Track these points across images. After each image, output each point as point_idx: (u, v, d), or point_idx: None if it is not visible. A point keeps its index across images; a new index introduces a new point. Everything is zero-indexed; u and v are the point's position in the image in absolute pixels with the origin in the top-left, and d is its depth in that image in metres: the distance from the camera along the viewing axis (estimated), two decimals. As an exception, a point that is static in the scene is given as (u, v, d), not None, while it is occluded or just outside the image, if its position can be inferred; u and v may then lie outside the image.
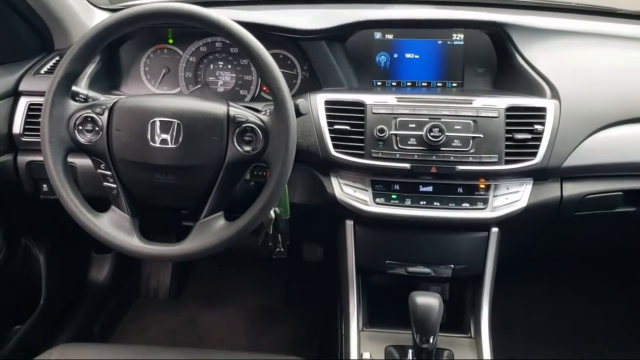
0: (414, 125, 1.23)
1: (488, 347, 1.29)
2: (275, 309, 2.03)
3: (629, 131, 1.29)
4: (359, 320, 1.35)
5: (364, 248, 1.35)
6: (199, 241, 1.09)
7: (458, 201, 1.26)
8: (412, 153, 1.23)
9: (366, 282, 1.42)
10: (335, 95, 1.30)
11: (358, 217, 1.31)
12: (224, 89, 1.52)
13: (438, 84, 1.48)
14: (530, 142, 1.22)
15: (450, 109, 1.24)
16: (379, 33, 1.47)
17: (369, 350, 1.20)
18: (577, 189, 1.29)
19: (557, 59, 1.37)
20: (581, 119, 1.27)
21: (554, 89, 1.29)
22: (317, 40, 1.40)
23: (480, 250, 1.32)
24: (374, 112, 1.25)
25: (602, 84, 1.34)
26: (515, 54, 1.38)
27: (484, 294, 1.33)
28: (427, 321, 1.12)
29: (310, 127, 1.26)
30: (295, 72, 1.50)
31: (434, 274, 1.34)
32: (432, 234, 1.32)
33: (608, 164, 1.27)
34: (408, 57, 1.48)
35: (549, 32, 1.42)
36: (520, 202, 1.26)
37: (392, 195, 1.27)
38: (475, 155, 1.22)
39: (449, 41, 1.46)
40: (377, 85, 1.49)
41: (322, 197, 1.31)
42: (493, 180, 1.26)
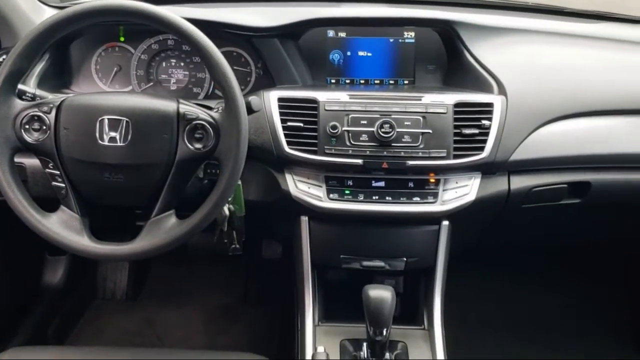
0: (366, 122, 1.25)
1: (440, 338, 1.32)
2: (235, 307, 2.03)
3: (573, 125, 1.33)
4: (315, 315, 1.36)
5: (319, 243, 1.36)
6: (149, 240, 1.09)
7: (409, 195, 1.29)
8: (364, 149, 1.25)
9: (322, 278, 1.43)
10: (289, 93, 1.31)
11: (312, 213, 1.32)
12: (177, 87, 1.51)
13: (390, 82, 1.50)
14: (478, 137, 1.26)
15: (400, 106, 1.27)
16: (332, 31, 1.48)
17: (325, 345, 1.21)
18: (523, 182, 1.33)
19: (505, 56, 1.41)
20: (527, 114, 1.30)
21: (501, 85, 1.33)
22: (270, 38, 1.41)
23: (431, 243, 1.35)
24: (326, 109, 1.26)
25: (548, 80, 1.38)
26: (464, 51, 1.41)
27: (436, 286, 1.36)
28: (380, 314, 1.14)
29: (264, 124, 1.27)
30: (249, 70, 1.50)
31: (388, 268, 1.36)
32: (385, 228, 1.35)
33: (553, 158, 1.32)
34: (361, 54, 1.50)
35: (496, 30, 1.46)
36: (469, 195, 1.29)
37: (346, 190, 1.29)
38: (424, 151, 1.25)
39: (400, 39, 1.49)
40: (331, 82, 1.50)
41: (277, 193, 1.31)
42: (442, 175, 1.29)
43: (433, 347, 1.31)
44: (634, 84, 1.40)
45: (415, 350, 1.29)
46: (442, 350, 1.30)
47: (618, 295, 2.05)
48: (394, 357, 1.25)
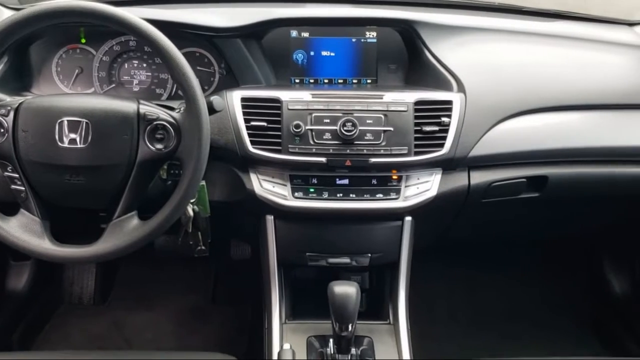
0: (329, 120, 1.27)
1: (405, 332, 1.34)
2: (204, 308, 2.02)
3: (530, 121, 1.37)
4: (282, 313, 1.37)
5: (285, 242, 1.37)
6: (112, 242, 1.09)
7: (372, 192, 1.31)
8: (328, 147, 1.26)
9: (288, 276, 1.45)
10: (252, 92, 1.31)
11: (278, 212, 1.33)
12: (140, 88, 1.51)
13: (354, 81, 1.52)
14: (438, 133, 1.28)
15: (362, 104, 1.28)
16: (295, 31, 1.49)
17: (291, 342, 1.22)
18: (483, 177, 1.36)
19: (463, 55, 1.44)
20: (485, 111, 1.34)
21: (460, 83, 1.35)
22: (233, 38, 1.41)
23: (395, 238, 1.37)
24: (289, 108, 1.27)
25: (505, 78, 1.41)
26: (424, 50, 1.44)
27: (401, 280, 1.39)
28: (345, 309, 1.16)
29: (227, 124, 1.27)
30: (213, 70, 1.50)
31: (354, 264, 1.38)
32: (349, 225, 1.37)
33: (511, 153, 1.35)
34: (324, 54, 1.51)
35: (455, 29, 1.49)
36: (430, 191, 1.32)
37: (310, 189, 1.30)
38: (386, 148, 1.27)
39: (362, 39, 1.50)
40: (295, 82, 1.51)
41: (242, 193, 1.32)
42: (404, 171, 1.31)
43: (398, 341, 1.33)
44: (588, 80, 1.45)
45: (380, 344, 1.31)
46: (407, 344, 1.32)
47: (581, 286, 2.10)
48: (360, 352, 1.27)
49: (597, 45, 1.57)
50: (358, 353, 1.26)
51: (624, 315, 1.94)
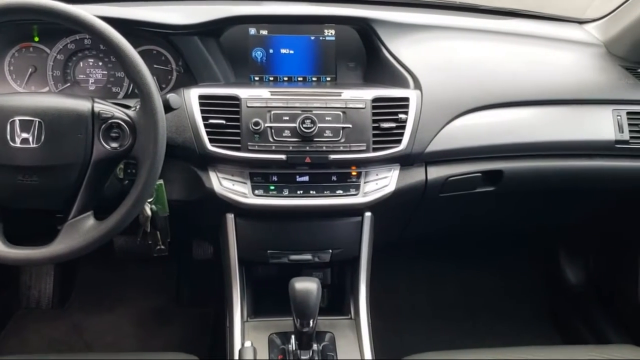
0: (288, 118, 1.27)
1: (366, 326, 1.36)
2: (166, 309, 2.00)
3: (484, 117, 1.40)
4: (243, 312, 1.37)
5: (246, 240, 1.37)
6: (67, 242, 1.07)
7: (332, 189, 1.32)
8: (287, 144, 1.27)
9: (250, 274, 1.45)
10: (210, 90, 1.31)
11: (238, 210, 1.33)
12: (96, 87, 1.48)
13: (313, 79, 1.53)
14: (395, 130, 1.30)
15: (321, 102, 1.29)
16: (253, 29, 1.49)
17: (253, 340, 1.22)
18: (440, 172, 1.39)
19: (420, 52, 1.46)
20: (441, 107, 1.36)
21: (417, 80, 1.38)
22: (190, 36, 1.40)
23: (355, 234, 1.39)
24: (248, 105, 1.27)
25: (461, 74, 1.44)
26: (381, 48, 1.45)
27: (361, 275, 1.40)
28: (306, 306, 1.17)
29: (185, 122, 1.26)
30: (170, 68, 1.49)
31: (315, 260, 1.39)
32: (310, 222, 1.38)
33: (466, 148, 1.38)
34: (283, 52, 1.52)
35: (412, 27, 1.51)
36: (389, 186, 1.33)
37: (270, 186, 1.30)
38: (345, 145, 1.28)
39: (321, 37, 1.51)
40: (255, 80, 1.51)
41: (201, 192, 1.31)
42: (364, 168, 1.32)
43: (359, 335, 1.34)
44: (541, 76, 1.49)
45: (342, 339, 1.32)
46: (368, 338, 1.33)
47: (538, 278, 2.16)
48: (322, 347, 1.28)
49: (549, 42, 1.62)
50: (320, 348, 1.27)
51: (580, 306, 2.00)
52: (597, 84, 1.50)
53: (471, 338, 1.55)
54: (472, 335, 1.83)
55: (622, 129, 1.43)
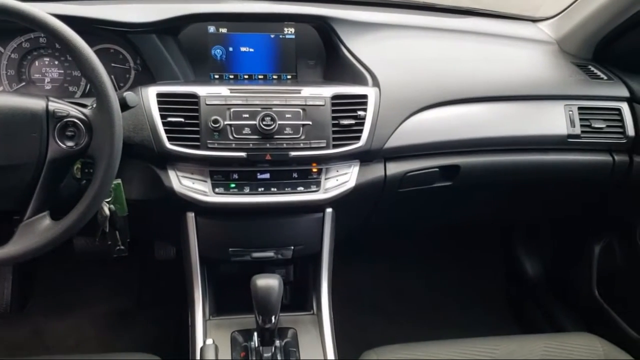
0: (248, 115, 1.27)
1: (328, 320, 1.37)
2: (129, 311, 1.98)
3: (441, 113, 1.42)
4: (206, 310, 1.37)
5: (207, 238, 1.36)
6: (22, 243, 1.05)
7: (293, 185, 1.32)
8: (248, 142, 1.27)
9: (212, 272, 1.44)
10: (168, 88, 1.29)
11: (198, 209, 1.32)
12: (52, 86, 1.46)
13: (274, 77, 1.53)
14: (355, 127, 1.32)
15: (281, 99, 1.30)
16: (212, 27, 1.49)
17: (215, 338, 1.22)
18: (398, 167, 1.41)
19: (378, 50, 1.48)
20: (399, 104, 1.38)
21: (375, 78, 1.40)
22: (147, 34, 1.39)
23: (317, 230, 1.40)
24: (207, 103, 1.27)
25: (418, 72, 1.47)
26: (340, 46, 1.47)
27: (323, 271, 1.41)
28: (267, 302, 1.17)
29: (143, 120, 1.25)
30: (128, 67, 1.47)
31: (277, 257, 1.39)
32: (272, 219, 1.38)
33: (424, 144, 1.40)
34: (243, 50, 1.52)
35: (371, 26, 1.53)
36: (349, 182, 1.35)
37: (231, 184, 1.30)
38: (305, 142, 1.29)
39: (281, 35, 1.52)
40: (215, 78, 1.51)
41: (160, 191, 1.30)
42: (324, 164, 1.34)
43: (321, 330, 1.36)
44: (496, 73, 1.53)
45: (304, 334, 1.33)
46: (330, 332, 1.35)
47: (497, 269, 2.21)
48: (284, 343, 1.29)
49: (504, 40, 1.66)
50: (282, 344, 1.28)
51: (537, 296, 2.06)
52: (549, 80, 1.55)
53: (433, 330, 1.57)
54: (433, 327, 1.86)
55: (573, 123, 1.48)
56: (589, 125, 1.49)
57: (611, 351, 1.24)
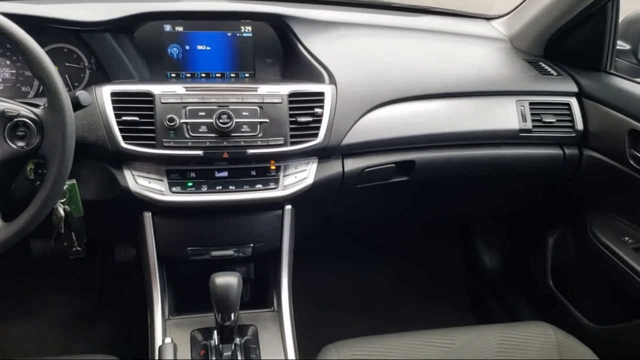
0: (204, 113, 1.27)
1: (289, 317, 1.38)
2: (90, 314, 1.95)
3: (397, 110, 1.45)
4: (165, 310, 1.36)
5: (165, 238, 1.36)
6: None
7: (252, 183, 1.33)
8: (204, 140, 1.26)
9: (172, 272, 1.43)
10: (122, 87, 1.28)
11: (155, 208, 1.32)
12: (4, 86, 1.42)
13: (231, 75, 1.53)
14: (312, 124, 1.33)
15: (238, 97, 1.30)
16: (168, 25, 1.48)
17: (175, 337, 1.21)
18: (356, 164, 1.42)
19: (335, 48, 1.50)
20: (355, 101, 1.40)
21: (332, 75, 1.41)
22: (101, 33, 1.38)
23: (276, 227, 1.40)
24: (162, 102, 1.26)
25: (374, 69, 1.49)
26: (297, 45, 1.48)
27: (283, 267, 1.42)
28: (226, 300, 1.18)
29: (97, 119, 1.24)
30: (82, 66, 1.45)
31: (237, 255, 1.40)
32: (230, 217, 1.38)
33: (380, 140, 1.42)
34: (200, 49, 1.51)
35: (327, 24, 1.55)
36: (307, 179, 1.36)
37: (188, 183, 1.30)
38: (263, 139, 1.29)
39: (238, 33, 1.52)
40: (171, 77, 1.50)
41: (116, 191, 1.29)
42: (282, 161, 1.34)
43: (282, 326, 1.36)
44: (450, 70, 1.56)
45: (264, 331, 1.34)
46: (290, 328, 1.36)
47: (457, 263, 2.25)
48: (244, 340, 1.29)
49: (459, 38, 1.70)
50: (242, 342, 1.28)
51: (495, 288, 2.11)
52: (502, 77, 1.59)
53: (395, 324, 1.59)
54: (396, 321, 1.88)
55: (525, 118, 1.52)
56: (540, 120, 1.53)
57: (563, 338, 1.28)
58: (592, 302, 1.69)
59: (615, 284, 1.52)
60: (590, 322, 1.65)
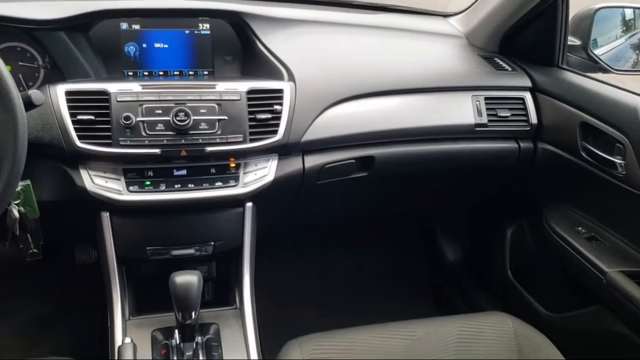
0: (161, 111, 1.26)
1: (251, 314, 1.38)
2: (51, 317, 1.91)
3: (355, 106, 1.46)
4: (125, 310, 1.35)
5: (123, 238, 1.35)
6: None
7: (211, 181, 1.32)
8: (161, 138, 1.26)
9: (132, 272, 1.42)
10: (77, 86, 1.27)
11: (113, 208, 1.30)
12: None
13: (190, 73, 1.52)
14: (271, 121, 1.33)
15: (195, 94, 1.29)
16: (125, 23, 1.46)
17: (136, 338, 1.21)
18: (316, 160, 1.43)
19: (293, 45, 1.50)
20: (314, 98, 1.41)
21: (290, 72, 1.41)
22: (55, 31, 1.36)
23: (237, 225, 1.41)
24: (118, 100, 1.25)
25: (332, 66, 1.50)
26: (256, 42, 1.48)
27: (245, 264, 1.42)
28: (186, 298, 1.17)
29: (51, 119, 1.22)
30: (37, 65, 1.42)
31: (198, 254, 1.39)
32: (190, 215, 1.37)
33: (340, 136, 1.44)
34: (157, 46, 1.50)
35: (286, 22, 1.55)
36: (268, 176, 1.36)
37: (146, 182, 1.29)
38: (222, 137, 1.29)
39: (196, 31, 1.51)
40: (129, 75, 1.49)
41: (72, 191, 1.27)
42: (242, 159, 1.34)
43: (244, 324, 1.37)
44: (408, 67, 1.58)
45: (226, 329, 1.34)
46: (252, 325, 1.36)
47: (420, 257, 2.29)
48: (206, 339, 1.29)
49: (416, 35, 1.72)
50: (204, 340, 1.28)
51: (457, 281, 2.14)
52: (458, 73, 1.61)
53: (359, 319, 1.61)
54: (359, 316, 1.89)
55: (480, 113, 1.55)
56: (495, 114, 1.56)
57: (521, 327, 1.31)
58: (548, 291, 1.73)
59: (570, 273, 1.57)
60: (547, 311, 1.69)
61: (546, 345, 1.27)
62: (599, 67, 1.65)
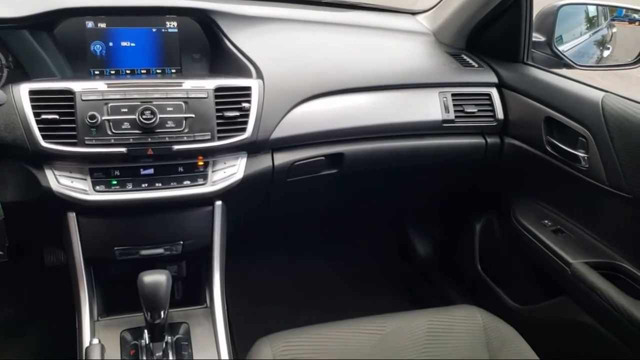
0: (127, 110, 1.25)
1: (221, 312, 1.37)
2: (19, 320, 1.88)
3: (324, 104, 1.46)
4: (93, 311, 1.34)
5: (91, 238, 1.33)
6: None
7: (179, 180, 1.31)
8: (128, 137, 1.24)
9: (100, 272, 1.40)
10: (41, 85, 1.25)
11: (79, 208, 1.29)
12: None
13: (157, 71, 1.51)
14: (240, 119, 1.33)
15: (161, 92, 1.28)
16: (90, 22, 1.44)
17: (104, 338, 1.19)
18: (286, 157, 1.44)
19: (262, 43, 1.51)
20: (282, 96, 1.41)
21: (259, 70, 1.41)
22: (18, 29, 1.33)
23: (207, 223, 1.40)
24: (83, 99, 1.23)
25: (301, 64, 1.50)
26: (223, 40, 1.48)
27: (215, 263, 1.42)
28: (155, 297, 1.16)
29: (15, 119, 1.20)
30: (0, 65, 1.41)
31: (168, 253, 1.38)
32: (158, 215, 1.36)
33: (309, 134, 1.44)
34: (124, 45, 1.48)
35: (254, 19, 1.55)
36: (237, 174, 1.36)
37: (113, 181, 1.27)
38: (189, 135, 1.28)
39: (163, 29, 1.50)
40: (95, 74, 1.47)
41: (37, 191, 1.25)
42: (210, 157, 1.34)
43: (214, 322, 1.36)
44: (377, 64, 1.59)
45: (196, 328, 1.33)
46: (222, 325, 1.35)
47: (392, 253, 2.30)
48: (176, 338, 1.28)
49: (384, 32, 1.73)
50: (173, 340, 1.27)
51: (429, 276, 2.17)
52: (426, 69, 1.63)
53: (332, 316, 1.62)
54: (333, 313, 1.90)
55: (448, 109, 1.57)
56: (462, 110, 1.58)
57: (489, 320, 1.33)
58: (516, 284, 1.76)
59: (537, 265, 1.60)
60: (515, 303, 1.72)
61: (514, 337, 1.29)
62: (564, 63, 1.68)
